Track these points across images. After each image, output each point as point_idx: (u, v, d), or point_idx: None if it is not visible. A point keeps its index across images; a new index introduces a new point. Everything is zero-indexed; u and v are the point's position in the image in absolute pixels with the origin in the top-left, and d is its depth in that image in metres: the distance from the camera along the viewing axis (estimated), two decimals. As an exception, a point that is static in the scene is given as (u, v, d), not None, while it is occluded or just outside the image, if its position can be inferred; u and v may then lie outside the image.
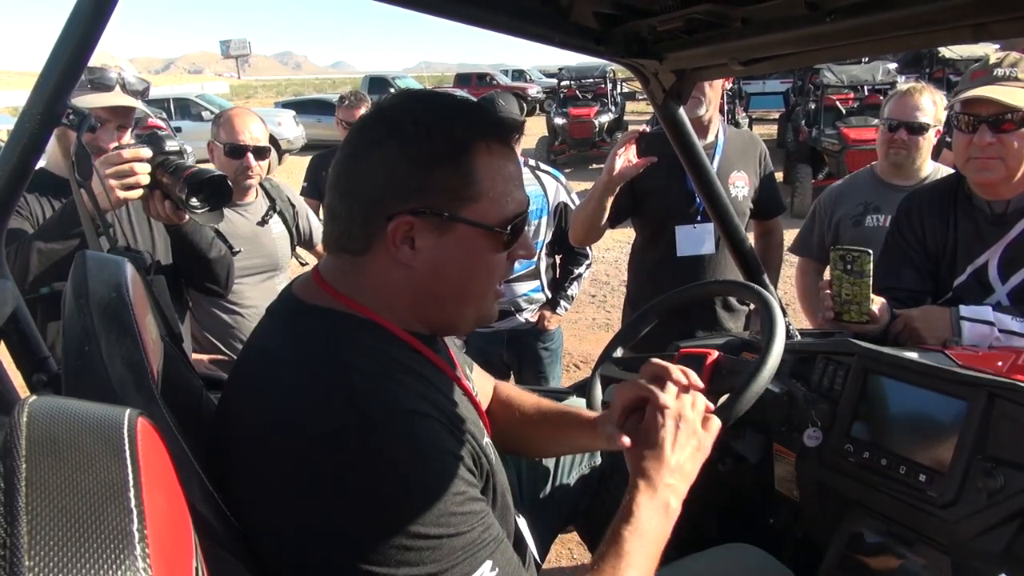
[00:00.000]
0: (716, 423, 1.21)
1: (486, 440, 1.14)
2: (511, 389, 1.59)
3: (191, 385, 1.27)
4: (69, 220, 1.73)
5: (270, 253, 2.71)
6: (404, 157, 0.98)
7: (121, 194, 1.70)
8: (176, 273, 2.19)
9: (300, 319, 1.04)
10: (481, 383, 1.47)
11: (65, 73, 1.26)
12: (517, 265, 3.01)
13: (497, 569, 0.93)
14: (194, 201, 1.73)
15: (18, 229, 1.84)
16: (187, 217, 1.91)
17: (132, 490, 0.40)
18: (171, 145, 1.83)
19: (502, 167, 1.04)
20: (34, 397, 0.46)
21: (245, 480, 0.96)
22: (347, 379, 0.93)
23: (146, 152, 1.74)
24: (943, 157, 3.20)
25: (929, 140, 2.67)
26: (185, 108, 19.16)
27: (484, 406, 1.41)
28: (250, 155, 2.61)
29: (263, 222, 2.75)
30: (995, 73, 1.81)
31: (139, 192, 1.73)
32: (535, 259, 3.17)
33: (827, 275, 1.76)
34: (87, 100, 1.88)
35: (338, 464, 0.89)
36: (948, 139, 3.50)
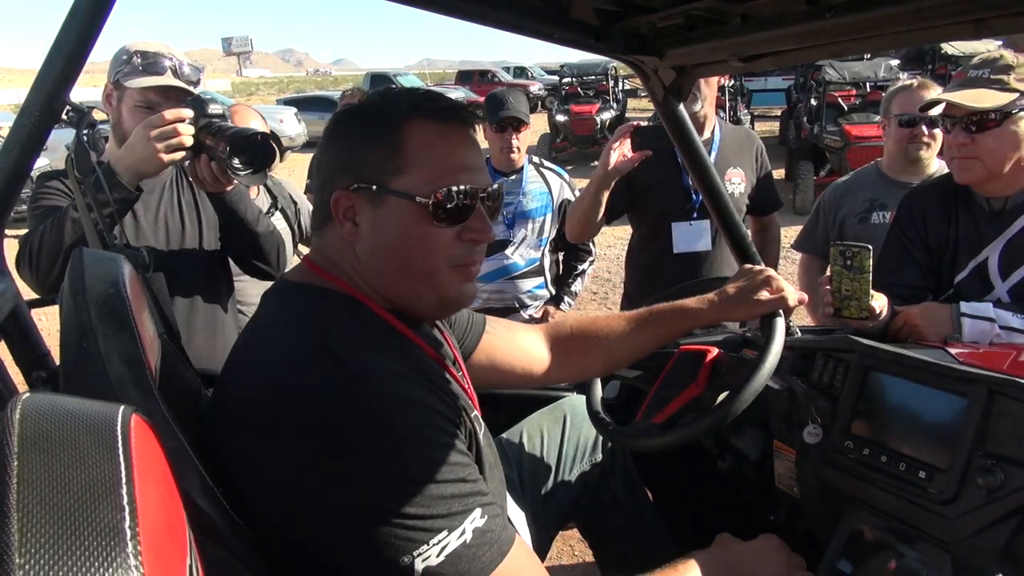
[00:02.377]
0: None
1: (474, 414, 1.18)
2: (576, 322, 1.67)
3: (189, 381, 1.27)
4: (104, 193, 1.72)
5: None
6: (345, 140, 1.09)
7: (165, 157, 1.68)
8: (224, 261, 2.19)
9: (285, 295, 1.11)
10: (523, 335, 1.60)
11: (64, 70, 1.26)
12: (521, 262, 3.09)
13: (486, 517, 0.95)
14: (236, 162, 1.69)
15: (58, 207, 1.83)
16: (232, 185, 1.89)
17: (124, 487, 0.40)
18: (214, 108, 1.81)
19: (438, 144, 1.07)
20: (27, 394, 0.46)
21: (238, 455, 0.97)
22: (327, 342, 0.97)
23: (188, 112, 1.72)
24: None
25: (940, 133, 2.65)
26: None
27: (523, 360, 1.57)
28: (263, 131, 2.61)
29: (264, 219, 2.74)
30: (970, 75, 1.83)
31: (181, 154, 1.71)
32: (540, 256, 3.17)
33: (829, 271, 1.76)
34: (140, 82, 1.91)
35: (323, 416, 0.91)
36: None
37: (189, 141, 1.71)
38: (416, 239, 1.06)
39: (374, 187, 1.04)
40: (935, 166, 2.72)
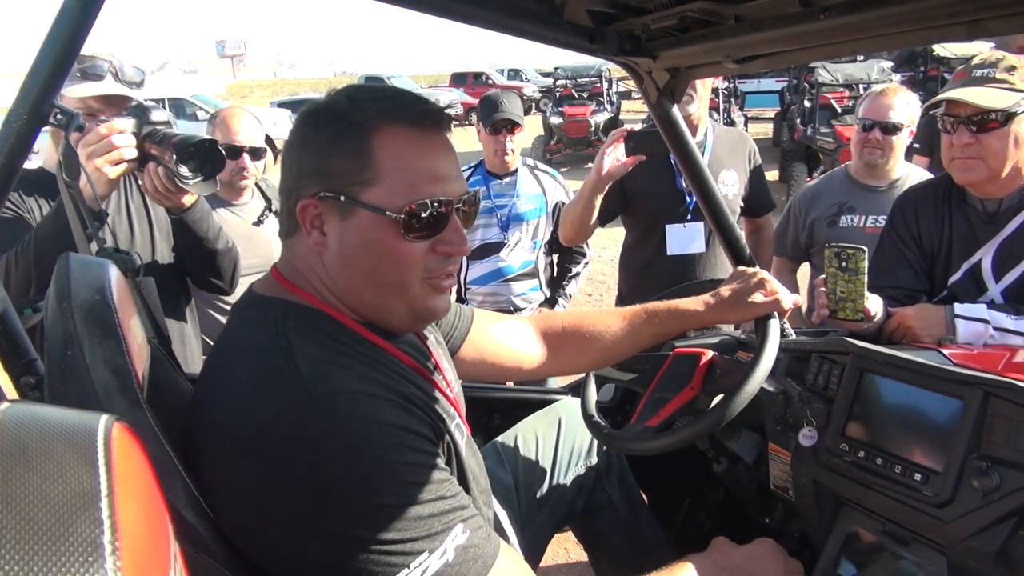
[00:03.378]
0: None
1: (455, 423, 1.15)
2: (568, 316, 1.64)
3: (179, 388, 1.26)
4: (64, 225, 1.68)
5: (265, 253, 2.70)
6: (311, 144, 1.03)
7: (110, 173, 1.61)
8: (179, 268, 2.13)
9: (252, 310, 1.07)
10: (513, 329, 1.59)
11: (52, 72, 1.25)
12: (516, 265, 3.08)
13: (468, 532, 0.94)
14: (184, 170, 1.62)
15: (17, 231, 1.78)
16: (188, 203, 1.83)
17: (105, 500, 0.39)
18: (158, 115, 1.73)
19: (410, 153, 1.02)
20: (6, 404, 0.45)
21: (211, 473, 0.95)
22: (292, 363, 0.94)
23: (123, 124, 1.64)
24: (915, 160, 3.23)
25: (902, 140, 2.69)
26: (180, 108, 19.08)
27: (517, 350, 1.56)
28: (246, 155, 2.60)
29: (259, 222, 2.73)
30: (974, 74, 1.82)
31: (122, 168, 1.64)
32: (534, 258, 3.17)
33: (824, 272, 1.76)
34: (77, 90, 1.84)
35: (286, 445, 0.89)
36: (917, 145, 3.52)
37: (131, 153, 1.64)
38: (387, 253, 1.02)
39: (342, 198, 1.00)
40: (901, 171, 2.76)
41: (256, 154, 2.67)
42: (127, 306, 1.11)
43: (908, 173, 2.72)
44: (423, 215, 1.01)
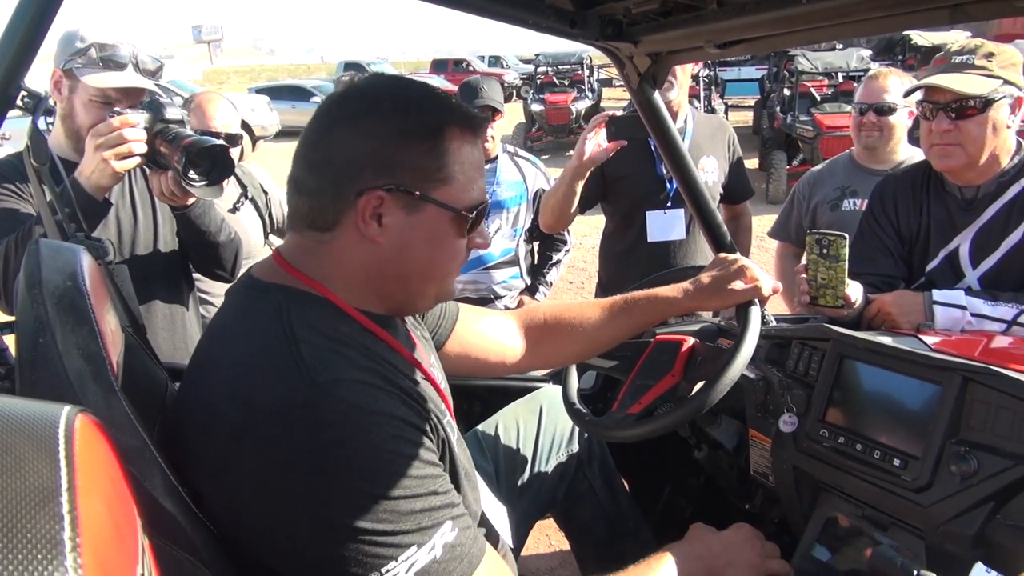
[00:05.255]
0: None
1: (447, 420, 1.15)
2: (550, 308, 1.64)
3: (155, 376, 1.23)
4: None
5: (242, 241, 2.66)
6: (381, 132, 1.00)
7: (117, 166, 1.59)
8: (183, 254, 2.12)
9: (253, 295, 1.05)
10: (497, 323, 1.58)
11: (17, 54, 1.22)
12: (496, 252, 3.07)
13: (456, 531, 0.94)
14: (192, 174, 1.60)
15: (17, 216, 1.74)
16: (193, 200, 1.81)
17: (65, 495, 0.38)
18: (172, 113, 1.71)
19: (471, 155, 1.06)
20: (-36, 395, 0.43)
21: (201, 460, 0.94)
22: (295, 350, 0.93)
23: (136, 118, 1.62)
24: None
25: (900, 122, 2.69)
26: (163, 94, 18.78)
27: (494, 350, 1.55)
28: (223, 142, 2.55)
29: (234, 209, 2.70)
30: (953, 60, 1.82)
31: (134, 162, 1.62)
32: (514, 246, 3.16)
33: (804, 259, 1.76)
34: (98, 79, 1.80)
35: (288, 430, 0.89)
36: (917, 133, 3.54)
37: (141, 148, 1.62)
38: (447, 247, 1.07)
39: (417, 193, 1.01)
40: (905, 153, 2.75)
41: (232, 141, 2.62)
42: (100, 293, 1.08)
43: (912, 156, 2.71)
44: (478, 214, 1.08)
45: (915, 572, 1.08)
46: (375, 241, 1.01)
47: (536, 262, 3.33)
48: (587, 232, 8.13)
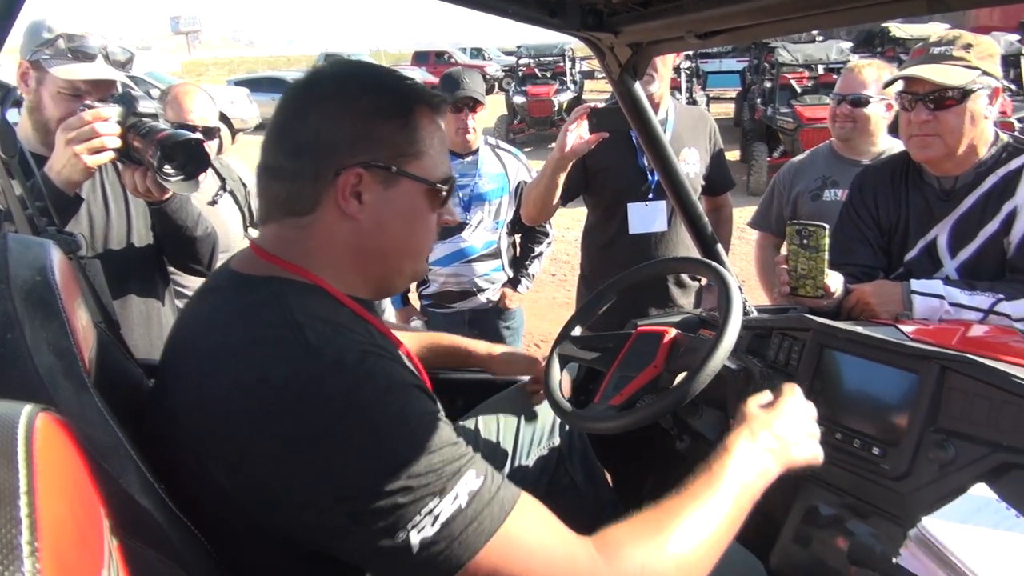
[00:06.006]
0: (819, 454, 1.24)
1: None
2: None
3: (129, 373, 1.21)
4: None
5: (220, 234, 2.63)
6: (355, 112, 1.03)
7: (89, 161, 1.56)
8: (158, 249, 2.08)
9: (245, 290, 1.03)
10: None
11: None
12: (478, 245, 3.05)
13: (482, 478, 0.93)
14: (168, 168, 1.56)
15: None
16: (169, 194, 1.78)
17: (23, 498, 0.36)
18: (145, 106, 1.67)
19: (438, 133, 1.11)
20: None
21: (218, 455, 0.93)
22: (300, 334, 0.93)
23: (109, 112, 1.59)
24: None
25: (876, 113, 2.71)
26: (135, 86, 18.51)
27: None
28: (199, 135, 2.52)
29: (213, 202, 2.67)
30: (932, 51, 1.84)
31: (107, 156, 1.59)
32: (496, 239, 3.15)
33: (784, 250, 1.77)
34: (66, 71, 1.75)
35: (301, 408, 0.88)
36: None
37: (114, 143, 1.59)
38: (421, 220, 1.11)
39: (393, 168, 1.04)
40: (884, 144, 2.77)
41: (210, 134, 2.59)
42: (71, 288, 1.06)
43: (892, 147, 2.74)
44: (448, 188, 1.12)
45: (893, 559, 1.09)
46: (355, 218, 1.03)
47: (518, 255, 3.32)
48: (569, 224, 8.13)
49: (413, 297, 3.38)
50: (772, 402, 1.24)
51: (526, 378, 1.87)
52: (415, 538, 0.86)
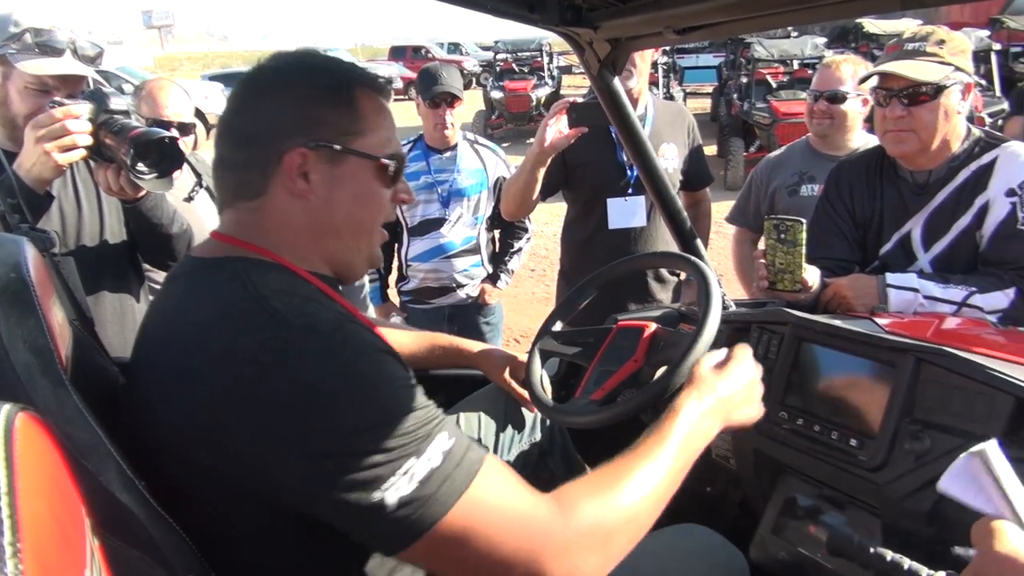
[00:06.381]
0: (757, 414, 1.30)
1: None
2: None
3: (105, 370, 1.20)
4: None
5: (196, 230, 2.60)
6: (297, 97, 1.07)
7: (60, 159, 1.54)
8: (131, 245, 2.06)
9: (208, 273, 1.05)
10: None
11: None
12: (457, 241, 3.05)
13: (453, 439, 0.95)
14: (141, 166, 1.54)
15: None
16: (143, 193, 1.76)
17: (4, 499, 0.35)
18: (117, 103, 1.64)
19: (383, 112, 1.13)
20: None
21: (182, 443, 0.93)
22: (267, 304, 0.95)
23: (80, 109, 1.56)
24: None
25: (853, 109, 2.74)
26: (105, 81, 18.25)
27: None
28: (173, 131, 2.48)
29: (189, 198, 2.63)
30: (906, 47, 1.86)
31: (78, 154, 1.57)
32: (475, 234, 3.14)
33: (762, 244, 1.78)
34: (34, 66, 1.72)
35: (271, 375, 0.89)
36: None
37: (85, 140, 1.56)
38: (370, 197, 1.12)
39: (337, 147, 1.06)
40: (860, 140, 2.80)
41: (185, 129, 2.55)
42: (46, 285, 1.04)
43: (867, 143, 2.76)
44: (395, 165, 1.13)
45: (871, 549, 1.10)
46: (305, 196, 1.06)
47: (497, 250, 3.32)
48: (548, 220, 8.14)
49: (392, 293, 3.37)
50: (723, 363, 1.28)
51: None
52: (391, 497, 0.88)
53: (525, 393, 1.72)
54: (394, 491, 0.88)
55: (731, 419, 1.24)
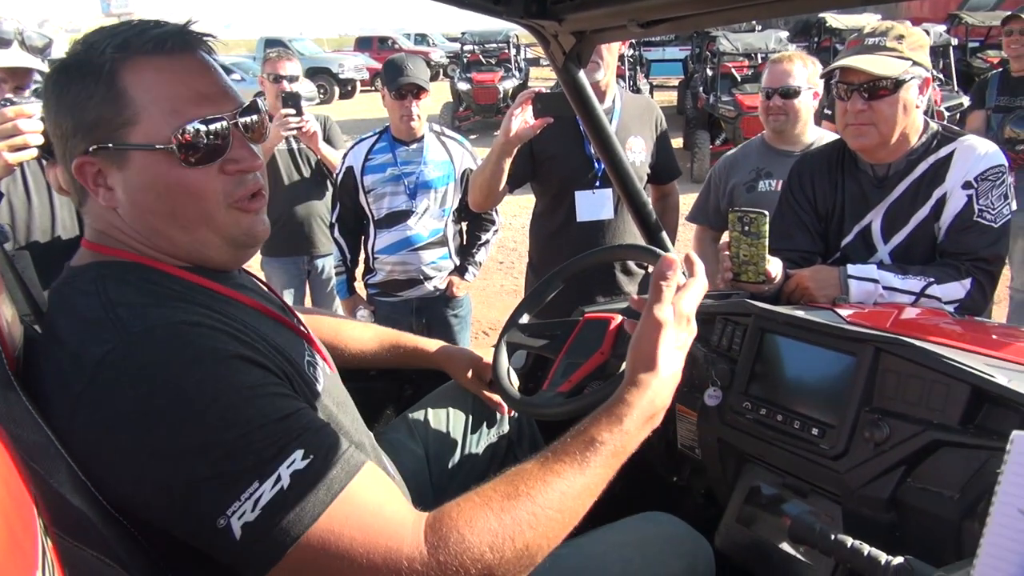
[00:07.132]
0: (694, 327, 1.18)
1: (309, 357, 1.13)
2: (336, 322, 1.73)
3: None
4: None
5: None
6: (61, 103, 0.99)
7: (10, 158, 1.51)
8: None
9: (72, 280, 1.03)
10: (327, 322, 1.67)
11: None
12: (423, 233, 3.04)
13: (311, 458, 0.87)
14: None
15: None
16: None
17: (-54, 502, 0.34)
18: None
19: (161, 80, 0.98)
20: None
21: (70, 437, 0.89)
22: (112, 312, 0.92)
23: (31, 108, 1.53)
24: (824, 126, 3.35)
25: (806, 104, 2.79)
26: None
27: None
28: None
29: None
30: (867, 42, 1.89)
31: (29, 154, 1.54)
32: (442, 226, 3.13)
33: (725, 238, 1.80)
34: None
35: (113, 386, 0.86)
36: (828, 111, 3.66)
37: (36, 140, 1.54)
38: (175, 187, 1.00)
39: (111, 146, 0.97)
40: (812, 135, 2.86)
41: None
42: (-6, 281, 1.02)
43: (820, 138, 2.81)
44: (196, 139, 0.99)
45: (832, 536, 1.12)
46: (113, 204, 1.01)
47: (465, 243, 3.31)
48: (516, 212, 8.14)
49: (359, 286, 3.34)
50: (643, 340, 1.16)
51: None
52: (235, 524, 0.82)
53: (492, 395, 1.72)
54: (237, 518, 0.82)
55: (652, 425, 1.15)
